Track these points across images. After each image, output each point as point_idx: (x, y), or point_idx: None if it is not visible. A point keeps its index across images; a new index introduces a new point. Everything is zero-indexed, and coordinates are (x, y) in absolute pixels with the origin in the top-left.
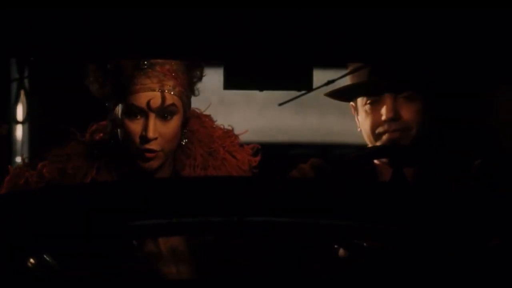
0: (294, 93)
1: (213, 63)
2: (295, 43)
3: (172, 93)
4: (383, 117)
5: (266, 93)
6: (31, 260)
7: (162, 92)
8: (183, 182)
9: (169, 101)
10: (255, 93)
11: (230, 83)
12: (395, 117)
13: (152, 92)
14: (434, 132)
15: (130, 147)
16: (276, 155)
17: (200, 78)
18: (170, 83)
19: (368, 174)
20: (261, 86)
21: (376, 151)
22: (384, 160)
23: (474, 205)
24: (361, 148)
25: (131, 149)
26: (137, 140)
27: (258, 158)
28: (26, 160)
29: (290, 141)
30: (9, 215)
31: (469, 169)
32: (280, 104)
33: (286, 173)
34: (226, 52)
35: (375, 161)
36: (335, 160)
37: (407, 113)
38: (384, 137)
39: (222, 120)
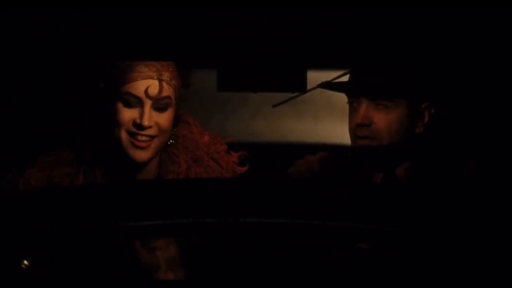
0: (288, 94)
1: (207, 65)
2: (289, 44)
3: (169, 84)
4: (356, 121)
5: (260, 94)
6: (26, 261)
7: (160, 80)
8: (178, 183)
9: (166, 91)
10: (250, 94)
11: (223, 85)
12: (365, 123)
13: (150, 80)
14: (429, 134)
15: (121, 136)
16: (271, 156)
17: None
18: (167, 74)
19: (363, 174)
20: (255, 87)
21: (370, 152)
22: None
23: (469, 206)
24: (355, 149)
25: (122, 139)
26: (131, 128)
27: (245, 168)
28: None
29: (285, 142)
30: (6, 215)
31: (463, 171)
32: (275, 106)
33: (281, 174)
34: (220, 53)
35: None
36: (331, 160)
37: (380, 121)
38: (357, 142)
39: (217, 121)
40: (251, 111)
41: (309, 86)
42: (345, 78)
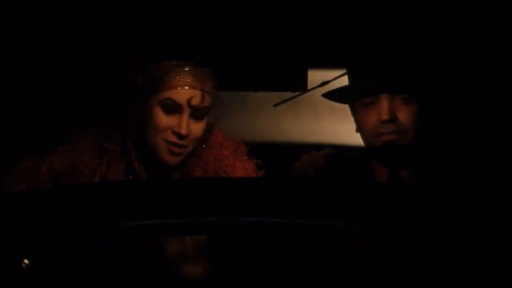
0: (289, 94)
1: (207, 65)
2: (289, 44)
3: (209, 94)
4: (380, 119)
5: (261, 94)
6: (27, 261)
7: (203, 91)
8: (178, 182)
9: (206, 102)
10: (250, 93)
11: (224, 84)
12: (391, 119)
13: (193, 90)
14: (432, 134)
15: (158, 140)
16: (271, 156)
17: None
18: (209, 84)
19: (365, 174)
20: (255, 87)
21: (370, 152)
22: (380, 160)
23: (469, 206)
24: (356, 148)
25: (158, 143)
26: (169, 134)
27: (262, 172)
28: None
29: (285, 142)
30: (6, 215)
31: (463, 171)
32: (276, 105)
33: (281, 173)
34: (220, 53)
35: (372, 162)
36: (335, 157)
37: (404, 115)
38: (381, 139)
39: (219, 120)
40: (251, 111)
41: (309, 86)
42: (344, 79)
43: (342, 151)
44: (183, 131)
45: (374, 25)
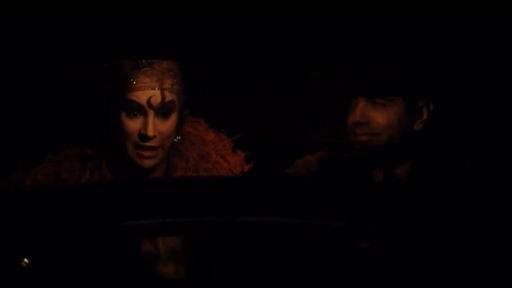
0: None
1: (207, 65)
2: (289, 44)
3: (170, 91)
4: (354, 120)
5: (261, 94)
6: (27, 260)
7: (162, 90)
8: (176, 182)
9: (168, 98)
10: (250, 93)
11: (226, 83)
12: (363, 121)
13: (152, 91)
14: (431, 133)
15: (127, 145)
16: (271, 155)
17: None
18: (169, 81)
19: (363, 174)
20: (256, 87)
21: (368, 152)
22: (376, 160)
23: (469, 206)
24: (353, 148)
25: (128, 148)
26: (136, 138)
27: (250, 166)
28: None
29: (285, 142)
30: (6, 215)
31: (463, 170)
32: (279, 105)
33: (281, 173)
34: (220, 53)
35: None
36: (330, 160)
37: (377, 118)
38: (356, 139)
39: (220, 119)
40: (251, 110)
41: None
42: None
43: (336, 152)
44: (149, 132)
45: (374, 25)
